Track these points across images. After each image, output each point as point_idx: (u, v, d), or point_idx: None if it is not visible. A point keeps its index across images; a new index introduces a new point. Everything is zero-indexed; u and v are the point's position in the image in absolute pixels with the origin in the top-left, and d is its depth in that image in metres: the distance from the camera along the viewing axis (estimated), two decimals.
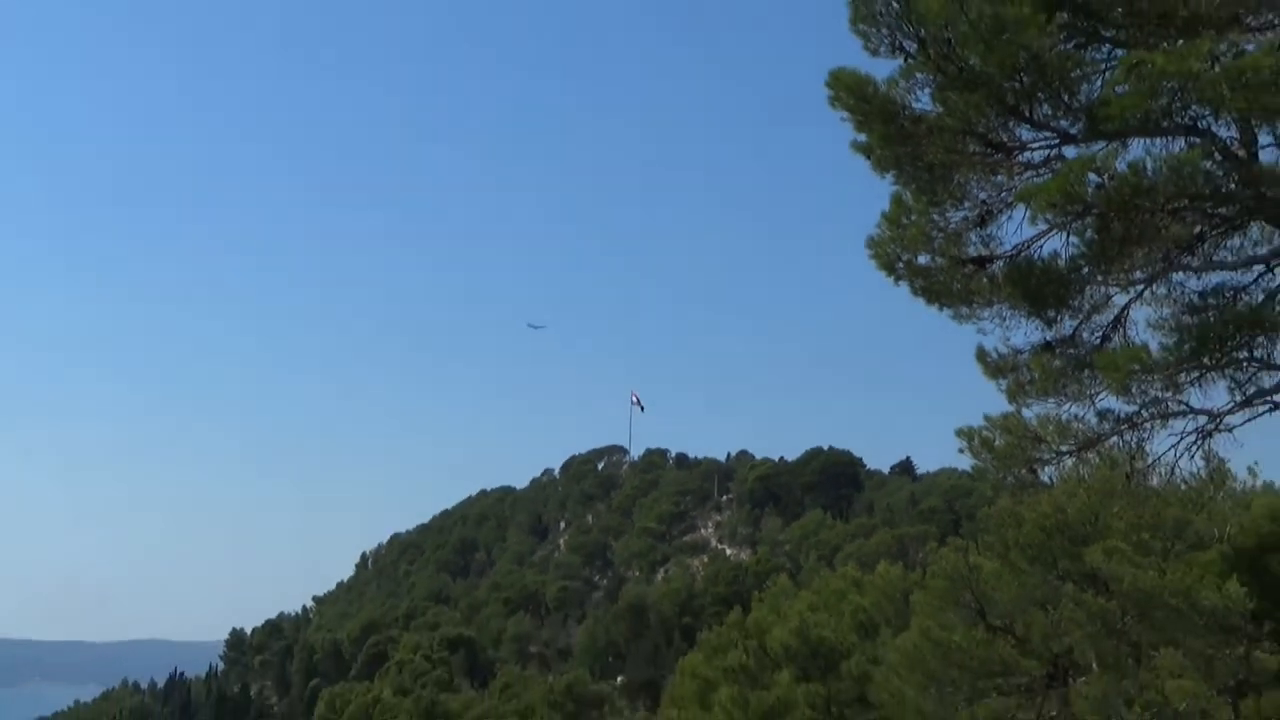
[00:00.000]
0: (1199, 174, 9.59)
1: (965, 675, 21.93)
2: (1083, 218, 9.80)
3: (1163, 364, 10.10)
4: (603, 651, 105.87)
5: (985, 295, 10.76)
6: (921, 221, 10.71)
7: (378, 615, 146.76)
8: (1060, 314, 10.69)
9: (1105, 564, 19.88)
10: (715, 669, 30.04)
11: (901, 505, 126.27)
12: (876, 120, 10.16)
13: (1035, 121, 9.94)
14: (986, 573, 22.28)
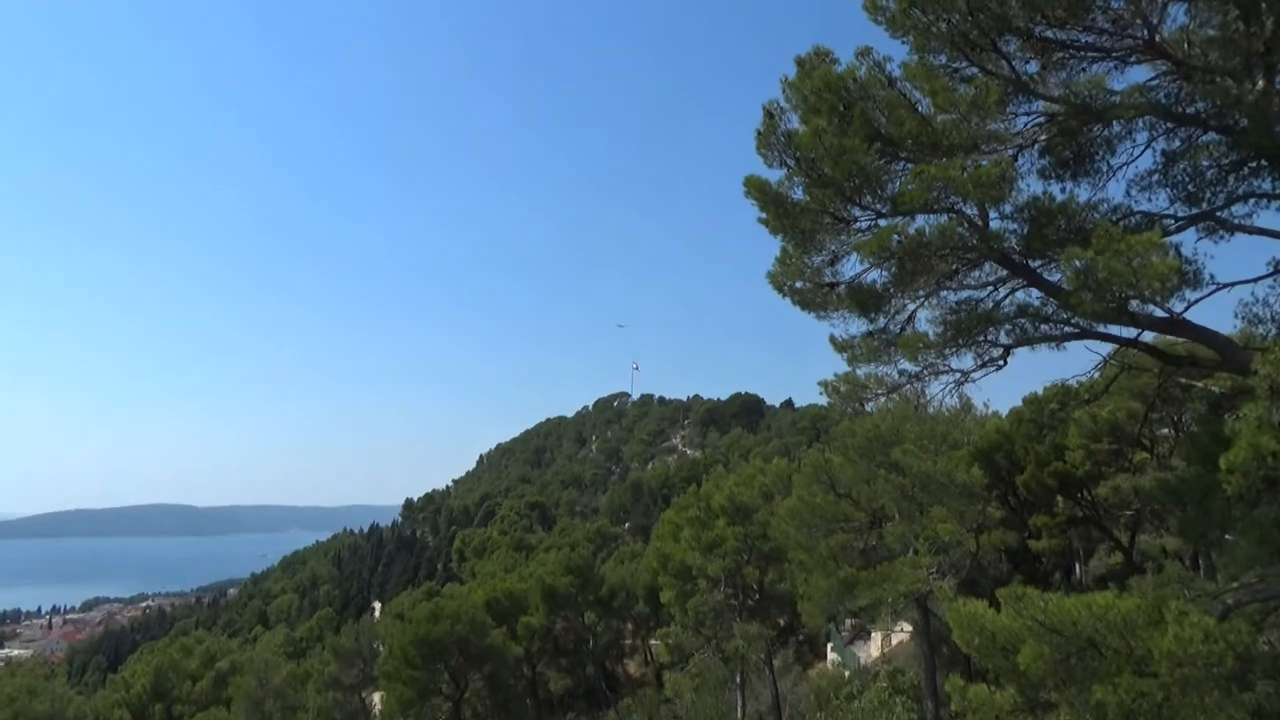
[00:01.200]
0: (955, 235, 9.68)
1: (822, 521, 22.02)
2: (890, 260, 9.89)
3: (936, 343, 10.21)
4: (617, 509, 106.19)
5: (835, 305, 10.85)
6: (797, 263, 10.80)
7: (489, 489, 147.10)
8: (877, 315, 10.78)
9: (903, 457, 19.97)
10: (681, 518, 30.10)
11: (787, 425, 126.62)
12: (771, 205, 10.25)
13: (863, 205, 10.01)
14: (835, 464, 22.36)
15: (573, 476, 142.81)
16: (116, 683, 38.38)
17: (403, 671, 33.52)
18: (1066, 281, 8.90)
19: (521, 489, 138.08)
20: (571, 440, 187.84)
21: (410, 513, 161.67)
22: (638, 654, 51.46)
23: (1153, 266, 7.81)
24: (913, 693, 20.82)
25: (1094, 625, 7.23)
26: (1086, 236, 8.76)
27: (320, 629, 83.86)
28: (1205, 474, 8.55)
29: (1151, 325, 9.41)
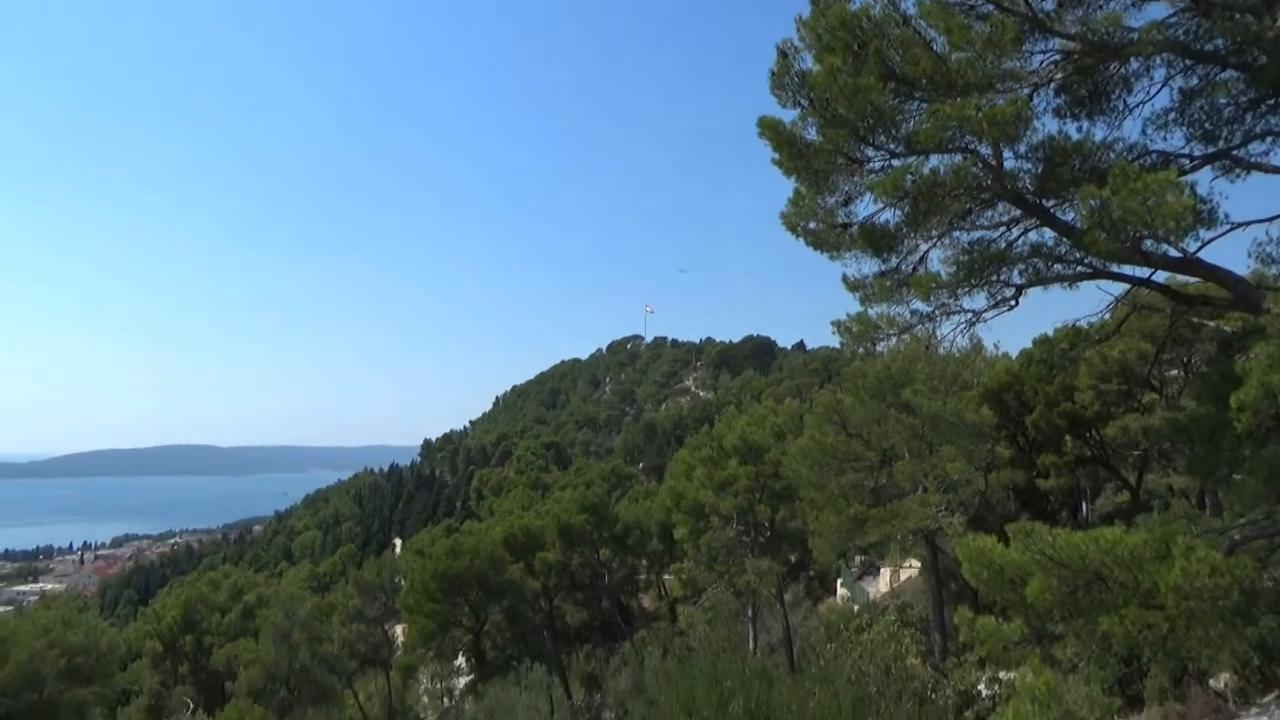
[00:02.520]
0: (969, 175, 9.55)
1: (833, 461, 22.13)
2: (903, 200, 9.77)
3: (948, 283, 10.14)
4: (631, 450, 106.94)
5: (848, 245, 10.76)
6: (810, 203, 10.69)
7: (506, 430, 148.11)
8: (890, 255, 10.69)
9: (913, 398, 19.98)
10: (694, 458, 30.30)
11: (798, 367, 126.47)
12: (785, 145, 10.10)
13: (876, 145, 9.87)
14: (846, 404, 22.39)
15: (587, 417, 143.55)
16: (148, 615, 39.33)
17: (424, 605, 34.21)
18: (1081, 221, 8.79)
19: (537, 430, 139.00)
20: (586, 382, 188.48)
21: (429, 453, 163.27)
22: (652, 589, 52.28)
23: (1168, 205, 7.71)
24: (920, 625, 21.13)
25: (1101, 559, 7.30)
26: (1102, 175, 8.63)
27: (343, 564, 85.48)
28: (1215, 412, 8.54)
29: (1165, 265, 9.32)
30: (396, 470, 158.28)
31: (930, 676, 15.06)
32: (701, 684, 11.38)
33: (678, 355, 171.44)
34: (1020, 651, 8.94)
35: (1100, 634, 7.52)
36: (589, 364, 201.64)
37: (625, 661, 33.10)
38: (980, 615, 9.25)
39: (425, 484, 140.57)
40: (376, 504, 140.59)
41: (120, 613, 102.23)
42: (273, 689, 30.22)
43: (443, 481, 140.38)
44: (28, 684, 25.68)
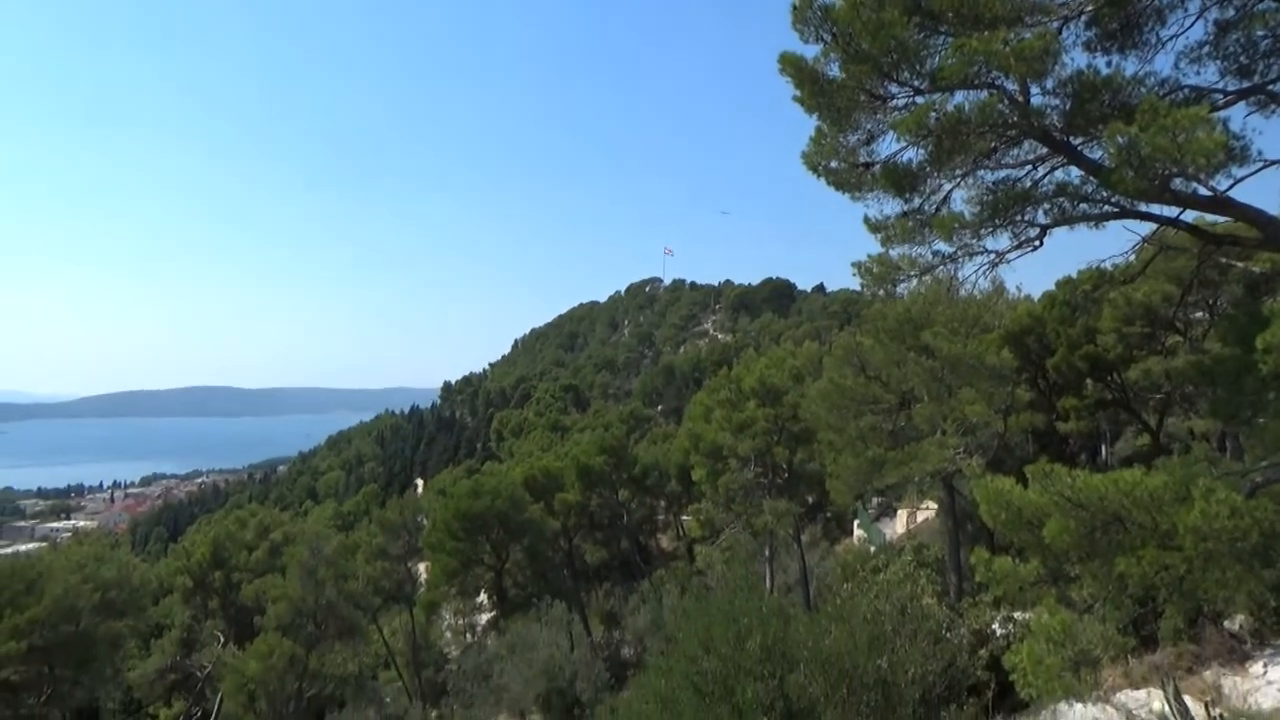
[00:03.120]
0: (994, 112, 9.33)
1: (852, 403, 22.10)
2: (927, 138, 9.59)
3: (972, 223, 9.99)
4: (649, 392, 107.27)
5: (869, 185, 10.59)
6: (832, 142, 10.50)
7: (525, 372, 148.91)
8: (912, 195, 10.52)
9: (933, 340, 19.84)
10: (712, 400, 30.34)
11: (818, 309, 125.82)
12: (807, 82, 9.90)
13: (900, 81, 9.65)
14: (865, 346, 22.27)
15: (606, 360, 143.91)
16: (178, 552, 40.21)
17: (446, 543, 34.78)
18: (1108, 158, 8.59)
19: (556, 372, 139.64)
20: (604, 325, 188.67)
21: (449, 395, 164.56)
22: (670, 529, 52.89)
23: (1199, 142, 7.50)
24: (936, 566, 21.28)
25: (1120, 500, 7.27)
26: (1131, 112, 8.40)
27: (366, 504, 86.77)
28: (1240, 354, 8.43)
29: (1194, 204, 9.12)
30: (417, 412, 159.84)
31: (945, 616, 15.19)
32: (719, 621, 11.52)
33: (696, 298, 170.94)
34: (1036, 592, 8.97)
35: (1117, 575, 7.54)
36: (607, 307, 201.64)
37: (644, 599, 33.63)
38: (996, 556, 9.28)
39: (446, 426, 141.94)
40: (398, 445, 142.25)
41: (151, 549, 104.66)
42: (300, 623, 30.91)
43: (463, 423, 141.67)
44: (64, 617, 26.40)
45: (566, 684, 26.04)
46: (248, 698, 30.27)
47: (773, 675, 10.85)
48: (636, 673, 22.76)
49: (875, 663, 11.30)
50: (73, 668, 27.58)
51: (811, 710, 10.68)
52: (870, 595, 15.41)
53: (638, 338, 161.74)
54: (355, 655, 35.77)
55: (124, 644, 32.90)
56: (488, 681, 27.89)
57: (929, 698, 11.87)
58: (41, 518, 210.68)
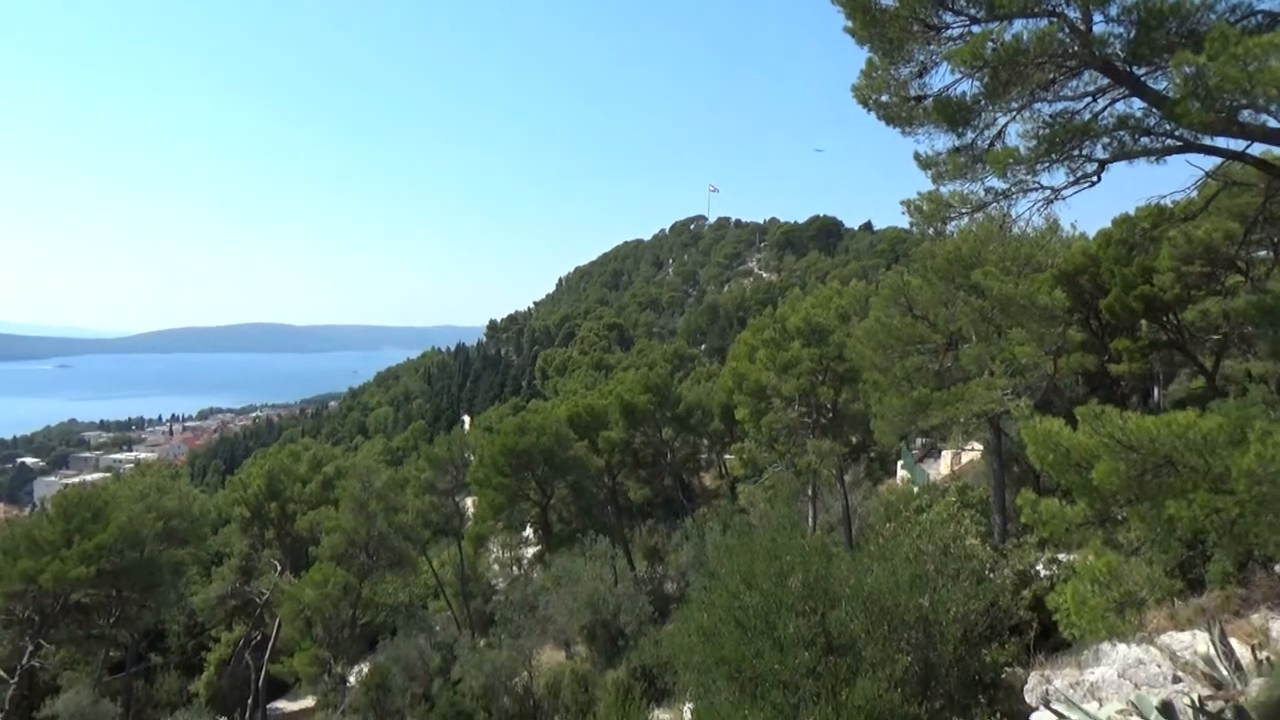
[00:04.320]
0: (1054, 41, 8.99)
1: (898, 343, 21.84)
2: (982, 69, 9.27)
3: (1027, 158, 9.70)
4: (693, 331, 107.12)
5: (921, 119, 10.31)
6: (884, 75, 10.21)
7: (569, 311, 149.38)
8: (965, 130, 10.22)
9: (983, 280, 19.45)
10: (757, 340, 30.21)
11: (865, 248, 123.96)
12: (859, 12, 9.62)
13: (955, 10, 9.34)
14: (913, 286, 21.91)
15: (650, 299, 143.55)
16: (234, 483, 41.41)
17: (493, 479, 35.39)
18: (1173, 89, 8.26)
19: (600, 311, 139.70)
20: (649, 263, 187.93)
21: (494, 333, 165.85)
22: (713, 467, 53.20)
23: (1270, 71, 7.17)
24: (981, 507, 21.17)
25: (1173, 443, 7.15)
26: (1199, 39, 8.04)
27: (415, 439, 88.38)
28: None
29: (1263, 136, 8.74)
30: (463, 349, 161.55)
31: (989, 556, 15.16)
32: (761, 558, 11.64)
33: (741, 236, 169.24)
34: (1082, 534, 8.92)
35: (1166, 518, 7.44)
36: (652, 245, 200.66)
37: (686, 536, 34.03)
38: (1043, 498, 9.21)
39: (491, 364, 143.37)
40: (445, 382, 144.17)
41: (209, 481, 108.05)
42: (352, 554, 31.86)
43: (508, 361, 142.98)
44: (130, 543, 27.51)
45: (610, 616, 26.57)
46: (304, 623, 31.42)
47: (814, 611, 10.96)
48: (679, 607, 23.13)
49: (917, 601, 11.35)
50: (139, 592, 28.82)
51: (852, 646, 10.79)
52: (913, 535, 15.39)
53: (682, 276, 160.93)
54: (406, 585, 36.87)
55: (186, 570, 34.26)
56: (534, 613, 28.57)
57: (970, 636, 11.92)
58: (105, 449, 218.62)
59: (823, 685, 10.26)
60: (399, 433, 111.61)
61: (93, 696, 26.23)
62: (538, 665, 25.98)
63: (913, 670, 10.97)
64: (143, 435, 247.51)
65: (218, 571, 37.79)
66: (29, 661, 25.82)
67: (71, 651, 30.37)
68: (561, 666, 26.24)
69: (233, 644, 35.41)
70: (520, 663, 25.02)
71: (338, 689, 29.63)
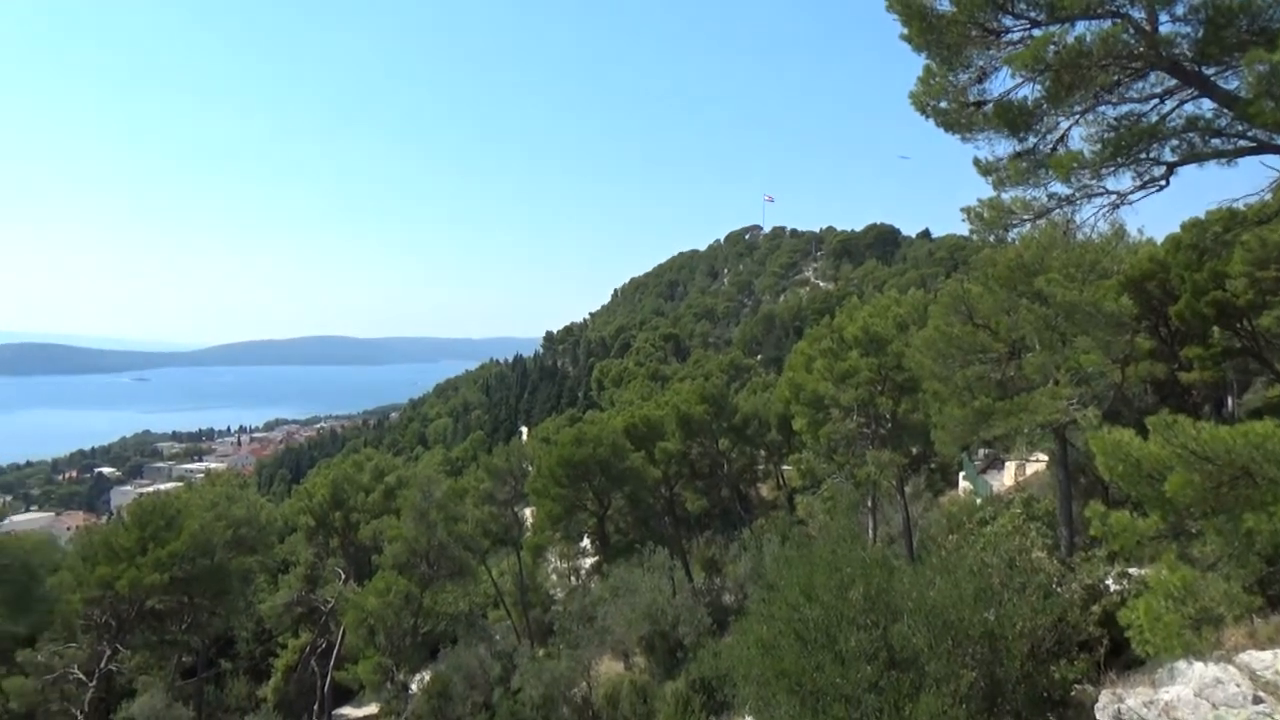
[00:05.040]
0: (1119, 42, 8.78)
1: (959, 352, 21.45)
2: (1044, 73, 9.09)
3: (1092, 162, 9.47)
4: (749, 341, 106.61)
5: (980, 125, 10.13)
6: (942, 81, 10.07)
7: (624, 322, 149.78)
8: (1027, 134, 10.02)
9: (1046, 287, 19.02)
10: (814, 349, 29.94)
11: (923, 256, 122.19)
12: (915, 19, 9.50)
13: (1015, 14, 9.17)
14: (973, 294, 21.51)
15: (705, 309, 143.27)
16: (300, 493, 42.27)
17: (550, 489, 35.57)
18: (1245, 89, 7.99)
19: (655, 321, 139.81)
20: (704, 273, 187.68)
21: (550, 344, 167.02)
22: (770, 478, 52.78)
23: None
24: (1047, 519, 20.67)
25: (1250, 454, 6.89)
26: (1272, 37, 7.79)
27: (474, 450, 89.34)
28: None
29: None
30: (520, 361, 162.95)
31: (1056, 570, 14.77)
32: (821, 570, 11.50)
33: (797, 245, 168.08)
34: (1155, 547, 8.63)
35: (1244, 531, 7.17)
36: (707, 255, 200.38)
37: (744, 548, 33.79)
38: (1113, 510, 8.94)
39: (548, 375, 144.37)
40: (503, 393, 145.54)
41: (275, 490, 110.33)
42: (414, 563, 32.26)
43: (564, 372, 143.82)
44: (201, 551, 28.24)
45: (669, 627, 26.49)
46: (368, 631, 31.89)
47: (875, 625, 10.80)
48: (738, 619, 22.95)
49: (982, 615, 11.11)
50: (209, 598, 29.55)
51: (915, 661, 10.60)
52: (977, 548, 15.10)
53: (737, 286, 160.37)
54: (466, 594, 37.20)
55: (254, 578, 35.06)
56: (592, 623, 28.61)
57: (1038, 652, 11.62)
58: (177, 459, 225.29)
59: (885, 700, 10.09)
60: (458, 443, 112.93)
61: (166, 700, 26.95)
62: (596, 675, 25.99)
63: (978, 686, 10.73)
64: (213, 446, 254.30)
65: (284, 579, 38.59)
66: (106, 665, 26.62)
67: (146, 656, 31.25)
68: (620, 677, 26.21)
69: (299, 651, 36.10)
70: (579, 673, 25.06)
71: (400, 696, 29.98)
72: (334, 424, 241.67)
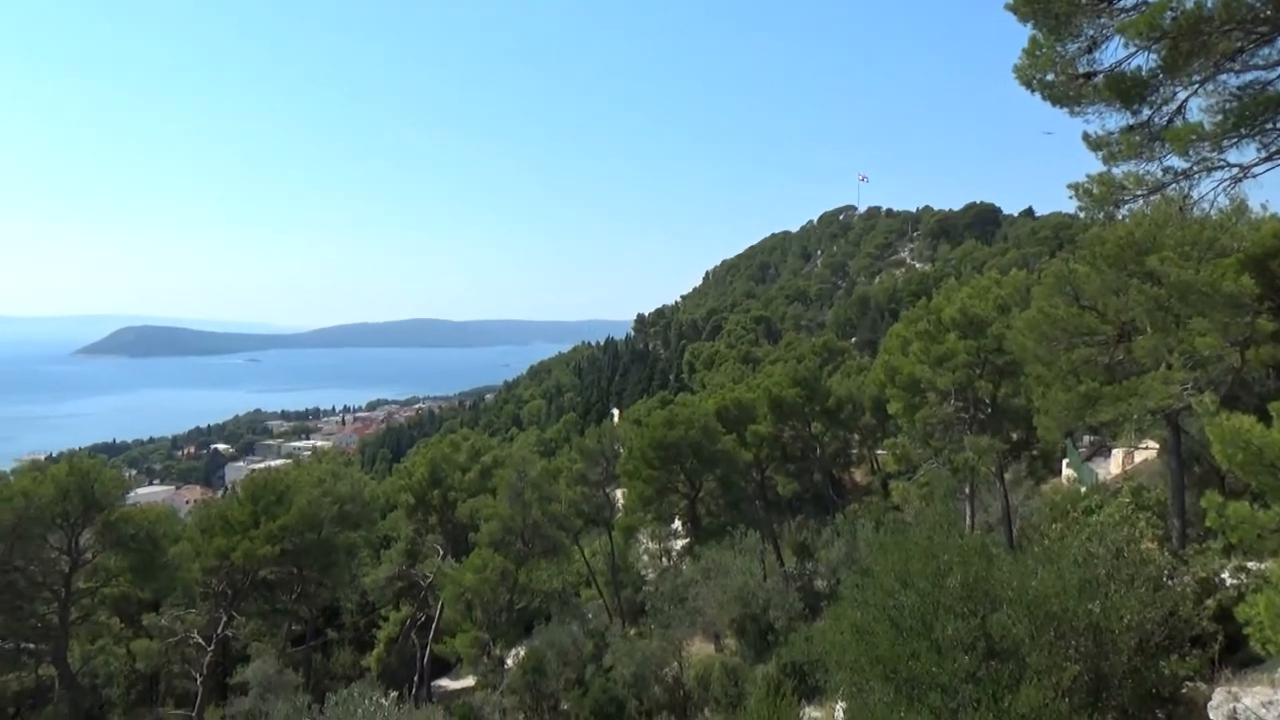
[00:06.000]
0: (1243, 6, 8.28)
1: (1063, 334, 20.66)
2: (1159, 41, 8.64)
3: (1212, 134, 8.98)
4: (843, 324, 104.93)
5: (1090, 97, 9.71)
6: (1049, 52, 9.67)
7: (716, 304, 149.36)
8: (1141, 106, 9.56)
9: (1159, 266, 18.13)
10: (910, 332, 29.24)
11: (1026, 235, 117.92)
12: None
13: None
14: (1080, 274, 20.66)
15: (798, 291, 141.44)
16: (400, 471, 43.56)
17: (642, 471, 35.78)
18: None
19: (747, 304, 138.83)
20: (796, 255, 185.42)
21: (642, 327, 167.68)
22: (864, 463, 52.00)
23: None
24: (1158, 509, 19.81)
25: None
26: None
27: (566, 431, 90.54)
28: None
29: None
30: (612, 343, 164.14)
31: (1167, 562, 14.14)
32: (917, 556, 11.28)
33: (893, 225, 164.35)
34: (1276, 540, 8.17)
35: None
36: (799, 236, 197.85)
37: (837, 532, 33.40)
38: (1230, 500, 8.51)
39: (639, 357, 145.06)
40: (594, 375, 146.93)
41: (377, 468, 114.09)
42: (509, 541, 32.94)
43: (655, 355, 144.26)
44: (309, 525, 29.42)
45: (760, 611, 26.42)
46: (465, 606, 32.77)
47: (974, 614, 10.54)
48: (830, 604, 22.74)
49: (1086, 606, 10.74)
50: (317, 570, 30.79)
51: (1015, 651, 10.31)
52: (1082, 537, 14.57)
53: (831, 268, 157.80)
54: (559, 573, 37.85)
55: (358, 552, 36.34)
56: (683, 604, 28.73)
57: (1146, 646, 11.17)
58: (285, 437, 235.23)
59: (983, 691, 9.86)
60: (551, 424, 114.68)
61: (278, 666, 28.26)
62: (687, 656, 26.13)
63: (1082, 679, 10.39)
64: (318, 425, 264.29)
65: (386, 554, 39.90)
66: (223, 631, 28.04)
67: (259, 624, 32.80)
68: (711, 659, 26.29)
69: (400, 623, 37.34)
70: (670, 653, 25.22)
71: (496, 670, 30.74)
72: (432, 404, 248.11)
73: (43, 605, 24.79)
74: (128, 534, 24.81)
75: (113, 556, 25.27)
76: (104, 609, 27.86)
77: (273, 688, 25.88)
